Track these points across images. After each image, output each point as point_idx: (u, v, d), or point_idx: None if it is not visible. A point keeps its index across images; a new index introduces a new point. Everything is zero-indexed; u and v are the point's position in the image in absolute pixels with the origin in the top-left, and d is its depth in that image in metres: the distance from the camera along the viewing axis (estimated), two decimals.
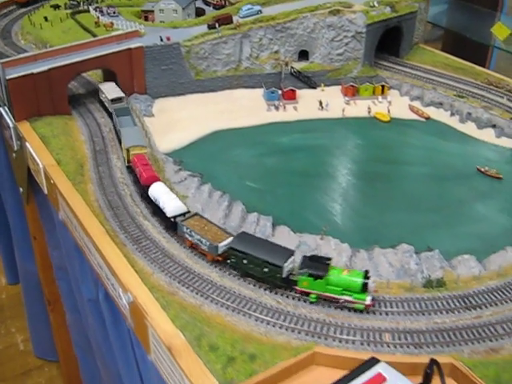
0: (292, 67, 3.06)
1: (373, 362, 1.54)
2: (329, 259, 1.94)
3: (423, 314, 1.82)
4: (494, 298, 1.91)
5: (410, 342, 1.71)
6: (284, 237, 2.08)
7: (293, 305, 1.81)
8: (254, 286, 1.87)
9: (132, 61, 3.03)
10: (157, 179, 2.24)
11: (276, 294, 1.84)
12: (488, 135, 2.79)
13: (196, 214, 2.07)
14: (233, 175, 2.35)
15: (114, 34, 3.44)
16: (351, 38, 3.24)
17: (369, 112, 2.89)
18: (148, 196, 2.37)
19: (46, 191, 2.49)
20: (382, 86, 3.06)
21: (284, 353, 1.63)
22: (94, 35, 4.64)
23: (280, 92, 2.96)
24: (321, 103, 2.83)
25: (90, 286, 2.59)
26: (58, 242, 2.98)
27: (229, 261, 1.80)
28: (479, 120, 2.90)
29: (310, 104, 2.88)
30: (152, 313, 1.72)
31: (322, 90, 2.99)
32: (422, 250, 2.00)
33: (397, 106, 2.92)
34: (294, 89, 2.97)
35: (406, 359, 1.63)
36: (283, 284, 1.75)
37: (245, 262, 1.77)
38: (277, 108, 2.92)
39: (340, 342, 1.70)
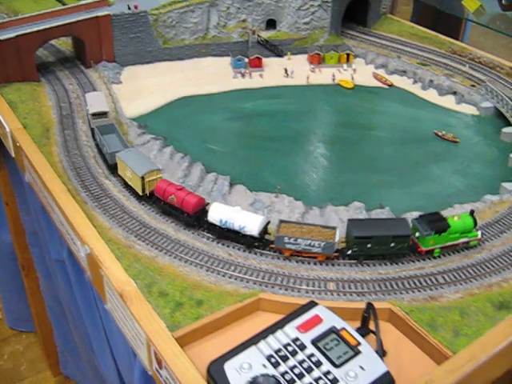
0: (259, 36, 3.08)
1: (311, 305, 1.61)
2: (438, 213, 1.99)
3: (368, 266, 1.88)
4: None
5: (353, 291, 1.77)
6: (240, 195, 2.13)
7: (243, 256, 1.86)
8: (208, 239, 1.93)
9: (99, 29, 3.06)
10: (204, 200, 2.01)
11: (228, 246, 1.90)
12: (449, 102, 2.84)
13: (281, 221, 1.93)
14: (195, 138, 2.37)
15: (82, 2, 3.42)
16: (318, 8, 3.25)
17: (333, 79, 2.91)
18: (201, 221, 1.98)
19: (13, 154, 2.54)
20: (347, 55, 3.09)
21: (230, 299, 1.70)
22: (64, 4, 4.61)
23: (246, 60, 2.99)
24: (286, 71, 2.86)
25: (57, 246, 2.64)
26: (28, 207, 3.04)
27: (350, 251, 1.79)
28: (440, 87, 2.94)
29: (275, 71, 2.91)
30: (106, 262, 1.79)
31: (289, 59, 3.02)
32: (374, 207, 2.05)
33: (361, 73, 2.94)
34: (260, 57, 2.99)
35: (348, 305, 1.70)
36: (410, 251, 1.81)
37: (368, 245, 1.80)
38: (243, 75, 2.95)
39: (286, 290, 1.76)
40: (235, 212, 1.92)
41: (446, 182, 2.25)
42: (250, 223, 1.90)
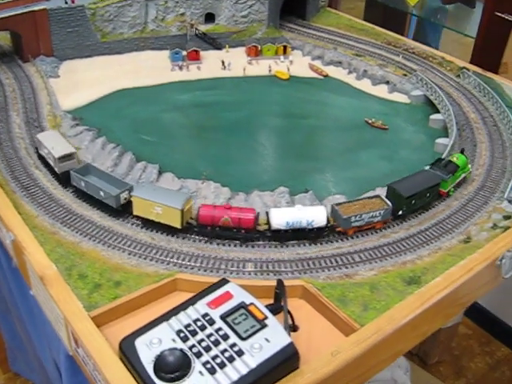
0: (197, 29, 3.12)
1: (223, 282, 1.66)
2: (442, 159, 2.15)
3: (287, 247, 1.93)
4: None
5: (271, 270, 1.82)
6: (168, 182, 2.17)
7: (166, 240, 1.91)
8: (132, 225, 1.98)
9: (36, 23, 3.08)
10: (254, 209, 1.94)
11: (151, 231, 1.95)
12: (381, 91, 2.91)
13: (336, 205, 1.95)
14: (129, 129, 2.40)
15: None
16: (255, 1, 3.30)
17: (269, 71, 2.97)
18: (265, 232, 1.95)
19: None
20: (284, 47, 3.15)
21: (148, 280, 1.75)
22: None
23: (184, 53, 3.03)
24: (223, 63, 2.90)
25: None
26: None
27: (400, 212, 1.85)
28: (374, 77, 3.01)
29: (213, 64, 2.94)
30: (29, 248, 1.82)
31: (227, 51, 3.06)
32: (300, 192, 2.10)
33: (298, 65, 3.00)
34: (197, 49, 3.03)
35: (263, 283, 1.76)
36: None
37: (413, 201, 1.89)
38: (181, 68, 2.98)
39: (205, 271, 1.80)
40: (299, 210, 1.94)
41: (373, 167, 2.32)
42: (317, 215, 1.93)
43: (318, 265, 1.76)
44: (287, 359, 1.40)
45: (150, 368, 1.38)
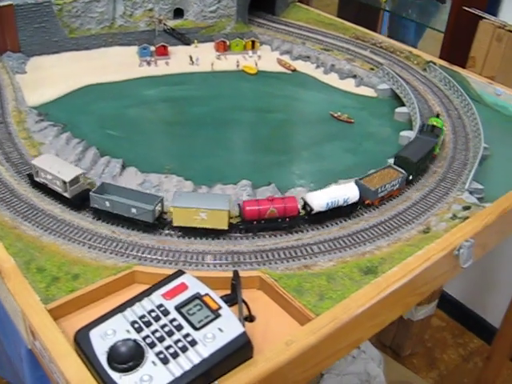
0: (165, 24, 3.12)
1: (178, 273, 1.67)
2: (425, 124, 2.46)
3: (247, 239, 1.94)
4: (316, 222, 2.06)
5: (230, 262, 1.83)
6: (131, 176, 2.18)
7: (126, 233, 1.91)
8: (93, 218, 1.98)
9: (2, 19, 3.08)
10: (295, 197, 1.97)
11: (112, 224, 1.96)
12: (348, 85, 2.92)
13: (359, 179, 2.01)
14: (95, 125, 2.40)
15: None
16: None
17: (237, 66, 2.97)
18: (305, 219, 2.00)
19: None
20: (253, 42, 3.15)
21: (106, 272, 1.75)
22: None
23: (153, 48, 3.03)
24: (191, 58, 2.91)
25: None
26: None
27: (411, 177, 2.00)
28: (341, 71, 3.02)
29: (181, 59, 2.94)
30: None
31: (196, 47, 3.06)
32: (262, 185, 2.11)
33: (266, 59, 3.01)
34: (165, 45, 3.03)
35: (222, 274, 1.77)
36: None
37: (419, 166, 2.06)
38: (149, 63, 2.98)
39: (164, 263, 1.81)
40: (335, 191, 2.01)
41: (337, 160, 2.33)
42: (351, 192, 2.03)
43: (278, 256, 1.77)
44: (240, 348, 1.41)
45: (103, 359, 1.38)
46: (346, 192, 2.05)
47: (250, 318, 1.64)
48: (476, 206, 2.11)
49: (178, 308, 1.50)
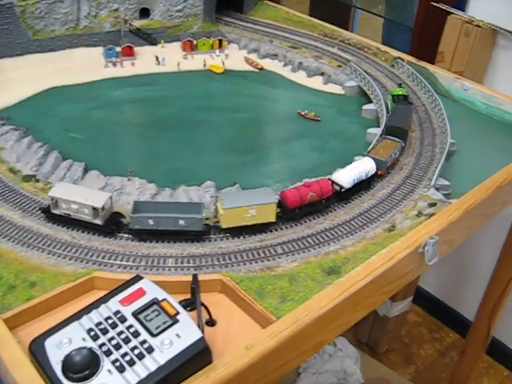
0: (131, 25, 3.08)
1: (136, 279, 1.64)
2: (395, 95, 2.69)
3: (210, 241, 1.91)
4: (280, 223, 2.03)
5: (191, 265, 1.80)
6: (93, 180, 2.14)
7: (87, 239, 1.88)
8: (53, 224, 1.94)
9: None
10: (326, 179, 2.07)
11: (72, 230, 1.92)
12: (316, 82, 2.90)
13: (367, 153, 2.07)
14: (58, 128, 2.36)
15: None
16: None
17: (204, 65, 2.94)
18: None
19: None
20: (220, 40, 3.12)
21: (64, 279, 1.72)
22: None
23: (118, 49, 2.99)
24: (157, 58, 2.86)
25: None
26: None
27: (404, 144, 2.17)
28: (309, 69, 3.00)
29: (147, 60, 2.90)
30: None
31: (163, 47, 3.02)
32: (227, 186, 2.08)
33: (233, 58, 2.98)
34: (131, 45, 2.98)
35: (183, 278, 1.75)
36: None
37: (408, 132, 2.51)
38: (114, 64, 2.94)
39: (125, 268, 1.78)
40: (356, 167, 2.12)
41: (304, 159, 2.31)
42: (369, 165, 2.14)
43: (240, 258, 1.75)
44: (198, 354, 1.39)
45: (58, 368, 1.36)
46: (365, 166, 2.16)
47: (210, 322, 1.62)
48: (442, 203, 2.09)
49: (135, 314, 1.47)
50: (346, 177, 2.12)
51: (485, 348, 3.53)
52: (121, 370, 1.34)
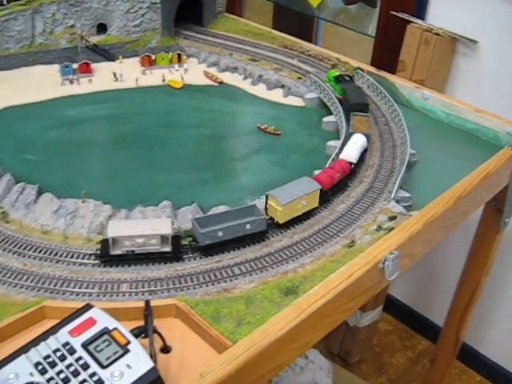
0: (87, 41, 3.03)
1: (86, 308, 1.59)
2: (337, 77, 2.96)
3: (165, 264, 1.87)
4: (238, 242, 2.00)
5: (146, 290, 1.76)
6: (46, 203, 2.08)
7: (38, 265, 1.82)
8: (4, 250, 1.89)
9: None
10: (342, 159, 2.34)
11: (24, 256, 1.87)
12: (276, 95, 2.87)
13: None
14: (12, 149, 2.29)
15: None
16: (147, 9, 3.22)
17: (163, 80, 2.90)
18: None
19: None
20: (179, 55, 3.08)
21: (14, 308, 1.66)
22: None
23: (75, 66, 2.93)
24: (115, 74, 2.82)
25: None
26: None
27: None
28: (269, 81, 2.97)
29: (105, 76, 2.85)
30: None
31: (121, 62, 2.98)
32: (185, 205, 2.04)
33: (193, 73, 2.94)
34: (88, 62, 2.93)
35: (137, 304, 1.71)
36: None
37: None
38: (71, 82, 2.88)
39: (77, 295, 1.73)
40: (355, 142, 2.36)
41: (264, 174, 2.28)
42: (363, 139, 2.38)
43: (196, 281, 1.71)
44: None
45: None
46: (362, 141, 2.42)
47: (165, 349, 1.58)
48: (402, 216, 2.08)
49: (85, 345, 1.43)
50: (353, 153, 2.36)
51: (455, 354, 3.53)
52: None
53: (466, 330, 3.38)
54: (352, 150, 2.37)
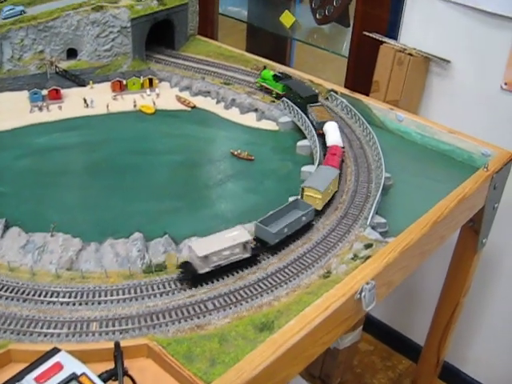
0: (57, 66, 2.98)
1: (53, 352, 1.54)
2: (277, 76, 3.14)
3: (136, 300, 1.82)
4: (212, 275, 1.94)
5: (117, 329, 1.71)
6: (14, 237, 2.02)
7: (4, 305, 1.76)
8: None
9: None
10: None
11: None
12: (250, 119, 2.83)
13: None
14: None
15: None
16: (117, 34, 3.18)
17: (134, 106, 2.86)
18: None
19: None
20: (150, 79, 3.04)
21: None
22: None
23: (44, 92, 2.88)
24: (85, 100, 2.78)
25: None
26: None
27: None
28: (242, 105, 2.94)
29: (75, 102, 2.80)
30: None
31: (91, 88, 2.93)
32: (157, 236, 1.99)
33: (165, 97, 2.90)
34: (57, 88, 2.88)
35: (108, 345, 1.65)
36: None
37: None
38: (40, 109, 2.83)
39: (45, 336, 1.67)
40: (334, 131, 2.66)
41: (238, 201, 2.24)
42: (334, 125, 2.72)
43: (168, 317, 1.65)
44: None
45: None
46: (336, 126, 2.69)
47: None
48: (378, 243, 2.05)
49: None
50: (338, 139, 2.63)
51: (437, 373, 3.50)
52: None
53: (446, 350, 3.35)
54: (335, 137, 2.60)
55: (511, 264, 3.51)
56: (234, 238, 1.91)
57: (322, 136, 2.70)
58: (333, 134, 2.63)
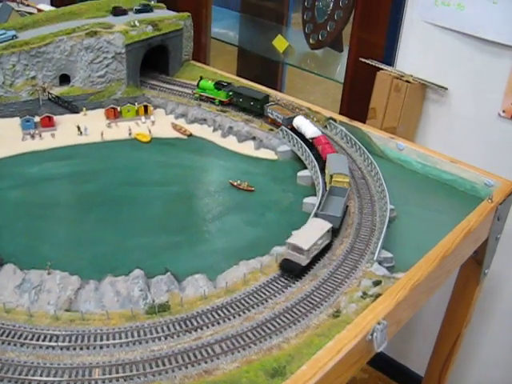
0: (49, 93, 2.90)
1: None
2: (222, 84, 3.20)
3: (140, 343, 1.73)
4: (217, 316, 1.85)
5: (121, 376, 1.63)
6: (8, 276, 1.93)
7: (1, 350, 1.68)
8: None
9: None
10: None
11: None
12: (248, 148, 2.77)
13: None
14: None
15: None
16: (112, 59, 3.11)
17: (130, 134, 2.79)
18: None
19: None
20: (145, 106, 2.98)
21: None
22: None
23: (36, 119, 2.81)
24: (79, 128, 2.71)
25: None
26: None
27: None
28: (240, 133, 2.88)
29: (69, 130, 2.73)
30: None
31: (85, 115, 2.87)
32: (158, 273, 1.91)
33: (160, 124, 2.84)
34: (50, 115, 2.80)
35: None
36: None
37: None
38: (33, 137, 2.75)
39: None
40: (307, 125, 2.81)
41: (239, 235, 2.17)
42: (301, 119, 2.87)
43: (175, 362, 1.57)
44: None
45: None
46: (306, 119, 2.89)
47: None
48: (387, 279, 1.98)
49: None
50: (315, 128, 2.80)
51: None
52: None
53: (447, 381, 3.29)
54: (312, 128, 2.77)
55: (511, 293, 3.46)
56: (321, 227, 2.04)
57: (294, 130, 2.86)
58: (307, 126, 2.78)
